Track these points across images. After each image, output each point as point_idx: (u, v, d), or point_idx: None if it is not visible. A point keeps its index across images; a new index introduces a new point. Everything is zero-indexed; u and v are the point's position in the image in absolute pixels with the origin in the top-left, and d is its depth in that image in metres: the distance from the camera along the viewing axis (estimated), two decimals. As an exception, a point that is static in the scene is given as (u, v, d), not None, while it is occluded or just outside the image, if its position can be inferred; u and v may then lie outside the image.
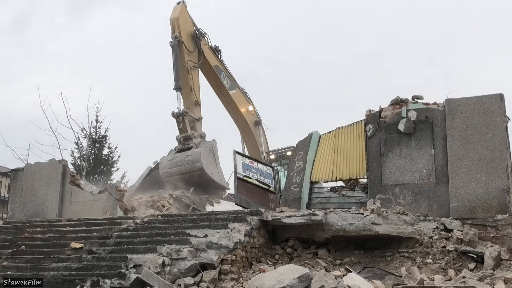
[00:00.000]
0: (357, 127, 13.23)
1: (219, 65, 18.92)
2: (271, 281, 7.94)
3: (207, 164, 16.00)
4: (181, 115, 16.49)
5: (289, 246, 10.46)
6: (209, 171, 15.97)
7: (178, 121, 16.65)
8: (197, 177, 15.90)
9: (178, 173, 16.12)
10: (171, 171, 16.30)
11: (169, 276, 8.51)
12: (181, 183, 16.06)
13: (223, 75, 19.09)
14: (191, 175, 15.93)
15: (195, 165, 15.89)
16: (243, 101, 20.31)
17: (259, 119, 21.11)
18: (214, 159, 16.50)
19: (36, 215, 14.18)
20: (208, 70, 18.65)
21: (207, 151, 16.37)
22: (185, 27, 17.36)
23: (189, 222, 10.32)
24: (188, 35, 17.40)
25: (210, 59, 18.49)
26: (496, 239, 9.79)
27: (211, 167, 16.15)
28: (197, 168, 15.81)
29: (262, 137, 21.21)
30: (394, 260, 9.90)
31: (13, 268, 9.56)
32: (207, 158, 16.16)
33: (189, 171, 15.95)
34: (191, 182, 16.01)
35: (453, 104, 11.37)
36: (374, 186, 11.89)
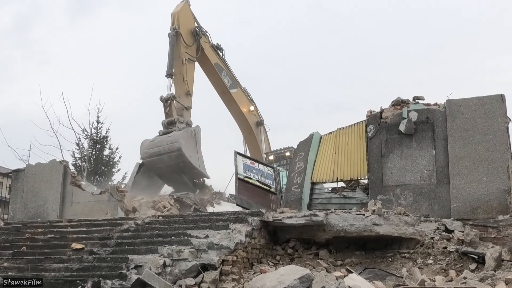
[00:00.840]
0: (358, 127, 13.22)
1: (220, 63, 18.97)
2: (272, 282, 7.94)
3: (187, 146, 15.88)
4: (168, 99, 16.52)
5: (290, 247, 10.46)
6: (188, 154, 15.81)
7: (165, 105, 16.65)
8: (175, 158, 15.81)
9: (157, 154, 16.05)
10: (150, 151, 16.23)
11: (170, 277, 8.51)
12: (159, 164, 15.97)
13: (224, 74, 19.16)
14: (170, 156, 15.85)
15: (174, 145, 15.84)
16: (245, 101, 20.32)
17: (261, 119, 21.12)
18: (195, 144, 16.36)
19: (37, 215, 14.18)
20: (209, 67, 18.71)
21: (189, 135, 16.28)
22: (186, 22, 17.49)
23: (190, 222, 10.32)
24: (188, 31, 17.53)
25: (210, 57, 18.56)
26: (497, 240, 9.78)
27: (190, 151, 15.99)
28: (175, 148, 15.74)
29: (263, 137, 21.20)
30: (395, 261, 9.89)
31: (14, 268, 9.56)
32: (187, 141, 16.03)
33: (168, 151, 15.87)
34: (169, 165, 15.94)
35: (454, 104, 11.36)
36: (375, 186, 11.89)
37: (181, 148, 15.64)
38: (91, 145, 25.88)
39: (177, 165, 15.91)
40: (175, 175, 16.20)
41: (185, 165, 15.96)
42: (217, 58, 19.14)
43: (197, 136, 16.59)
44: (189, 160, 15.84)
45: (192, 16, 18.23)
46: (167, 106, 16.60)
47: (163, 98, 16.66)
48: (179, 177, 16.46)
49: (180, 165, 15.91)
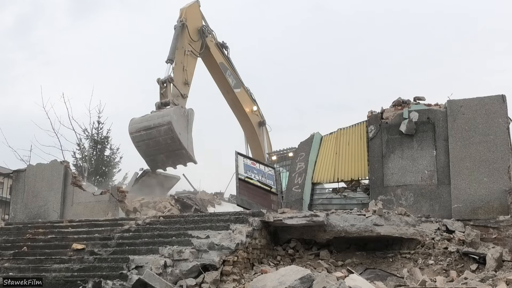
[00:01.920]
0: (359, 128, 13.22)
1: (225, 63, 18.94)
2: (272, 282, 7.94)
3: (178, 123, 15.33)
4: (165, 81, 16.04)
5: (291, 247, 10.46)
6: (178, 130, 15.24)
7: (162, 87, 16.17)
8: (164, 132, 15.19)
9: (146, 128, 15.48)
10: (139, 125, 15.67)
11: (170, 277, 8.50)
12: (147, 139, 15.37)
13: (228, 73, 19.09)
14: (159, 130, 15.25)
15: (164, 118, 15.29)
16: (248, 100, 20.30)
17: (263, 119, 21.10)
18: (186, 124, 15.83)
19: (38, 216, 14.19)
20: (214, 67, 18.67)
21: (181, 114, 15.78)
22: (193, 19, 17.46)
23: (191, 223, 10.32)
24: (194, 27, 17.46)
25: (216, 56, 18.53)
26: (498, 240, 9.77)
27: (181, 128, 15.43)
28: (165, 122, 15.16)
29: (265, 137, 21.18)
30: (396, 261, 9.89)
31: (15, 269, 9.57)
32: (179, 118, 15.52)
33: (157, 125, 15.30)
34: (157, 141, 15.31)
35: (455, 105, 11.36)
36: (376, 187, 11.88)
37: (172, 122, 15.02)
38: (92, 145, 25.90)
39: (165, 141, 15.22)
40: (161, 156, 15.52)
41: (173, 143, 15.23)
42: (222, 57, 19.07)
43: (190, 118, 16.10)
44: (178, 137, 15.15)
45: (201, 15, 18.23)
46: (163, 88, 16.10)
47: (160, 80, 16.15)
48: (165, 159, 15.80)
49: (168, 141, 15.21)
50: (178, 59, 16.62)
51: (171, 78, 16.04)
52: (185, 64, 16.85)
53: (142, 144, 15.49)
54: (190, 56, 17.05)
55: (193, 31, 17.37)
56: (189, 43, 17.02)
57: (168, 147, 15.33)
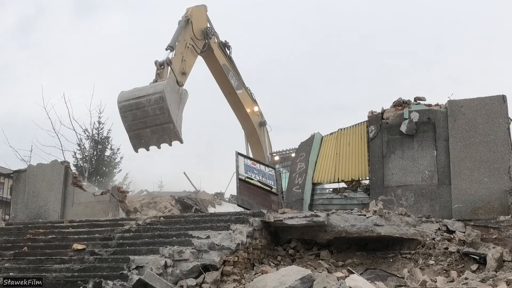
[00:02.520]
0: (359, 128, 13.21)
1: (228, 64, 18.79)
2: (273, 283, 7.94)
3: (170, 95, 14.61)
4: (163, 63, 15.38)
5: (291, 247, 10.46)
6: (169, 101, 14.44)
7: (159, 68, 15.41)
8: (154, 101, 14.25)
9: (136, 97, 14.63)
10: (129, 94, 14.84)
11: (171, 278, 8.51)
12: (135, 109, 14.49)
13: (231, 74, 18.92)
14: (149, 99, 14.38)
15: (157, 87, 14.56)
16: (249, 101, 20.19)
17: (263, 120, 21.00)
18: (179, 101, 15.16)
19: (38, 216, 14.19)
20: (217, 69, 18.52)
21: (175, 90, 15.11)
22: (198, 19, 17.26)
23: (191, 223, 10.32)
24: (199, 28, 17.23)
25: (219, 58, 18.37)
26: (499, 241, 9.77)
27: (172, 102, 14.66)
28: (158, 90, 14.42)
29: (266, 138, 21.08)
30: (396, 262, 9.89)
31: (15, 269, 9.57)
32: (172, 92, 14.82)
33: (149, 93, 14.51)
34: (146, 111, 14.42)
35: (455, 105, 11.35)
36: (376, 187, 11.87)
37: (165, 91, 14.24)
38: (93, 145, 25.87)
39: (153, 112, 14.34)
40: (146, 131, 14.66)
41: (162, 114, 14.33)
42: (225, 58, 18.90)
43: (183, 97, 15.49)
44: (168, 108, 14.27)
45: (207, 18, 18.08)
46: (160, 69, 15.39)
47: (157, 62, 15.46)
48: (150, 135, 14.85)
49: (156, 112, 14.35)
50: (178, 50, 16.22)
51: (169, 60, 15.44)
52: (184, 55, 16.44)
53: (129, 114, 14.53)
54: (190, 50, 16.75)
55: (197, 31, 17.17)
56: (191, 38, 16.77)
57: (155, 119, 14.46)
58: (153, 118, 14.41)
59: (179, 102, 15.13)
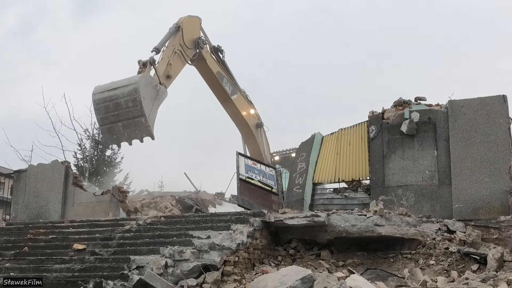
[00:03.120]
0: (360, 128, 13.21)
1: (221, 71, 18.46)
2: (273, 283, 7.94)
3: (145, 89, 13.97)
4: (146, 63, 14.77)
5: (292, 247, 10.46)
6: (143, 94, 13.77)
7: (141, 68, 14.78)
8: (127, 93, 13.72)
9: (111, 88, 14.07)
10: (105, 86, 14.32)
11: (171, 278, 8.51)
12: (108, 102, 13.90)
13: (225, 81, 18.59)
14: (122, 91, 13.82)
15: (131, 79, 14.05)
16: (245, 104, 19.85)
17: (260, 121, 20.68)
18: (154, 96, 14.42)
19: (39, 216, 14.19)
20: (211, 77, 18.06)
21: (151, 84, 14.36)
22: (190, 28, 16.95)
23: (192, 223, 10.32)
24: (190, 38, 16.91)
25: (212, 66, 18.06)
26: (499, 241, 9.77)
27: (146, 96, 13.97)
28: (132, 82, 13.87)
29: (264, 139, 20.90)
30: (397, 262, 9.88)
31: (16, 269, 9.57)
32: (148, 86, 14.16)
33: (122, 85, 13.94)
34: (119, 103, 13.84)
35: (456, 105, 11.35)
36: (377, 187, 11.87)
37: (139, 83, 13.67)
38: (93, 145, 25.85)
39: (126, 104, 13.73)
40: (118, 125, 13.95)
41: (134, 106, 13.73)
42: (218, 66, 18.53)
43: (160, 94, 14.75)
44: (141, 101, 13.62)
45: (199, 28, 17.72)
46: (143, 68, 14.73)
47: (141, 61, 14.89)
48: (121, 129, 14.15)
49: (129, 104, 13.72)
50: (165, 54, 15.74)
51: (153, 60, 14.84)
52: (171, 60, 15.87)
53: (102, 107, 13.92)
54: (178, 56, 16.23)
55: (188, 40, 16.77)
56: (180, 45, 16.30)
57: (128, 112, 13.83)
58: (125, 111, 13.81)
59: (154, 98, 14.46)
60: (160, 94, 14.64)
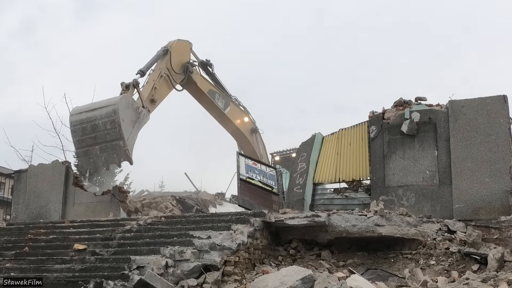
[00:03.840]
0: (360, 128, 13.22)
1: (213, 88, 18.18)
2: (274, 283, 7.93)
3: (124, 110, 13.38)
4: (129, 85, 14.28)
5: (292, 247, 10.46)
6: (122, 116, 13.20)
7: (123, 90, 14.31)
8: (105, 115, 13.15)
9: (89, 109, 13.54)
10: (83, 107, 13.81)
11: (172, 278, 8.51)
12: (86, 123, 13.34)
13: (217, 97, 18.26)
14: (100, 112, 13.24)
15: (111, 100, 13.47)
16: (238, 113, 19.61)
17: (254, 126, 20.35)
18: (135, 119, 13.85)
19: (40, 216, 14.19)
20: (203, 98, 17.66)
21: (132, 106, 13.82)
22: (180, 53, 16.56)
23: (192, 223, 10.32)
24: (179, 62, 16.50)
25: (203, 87, 17.74)
26: (500, 241, 9.77)
27: (126, 118, 13.39)
28: (111, 103, 13.30)
29: (259, 143, 20.50)
30: (397, 262, 9.88)
31: (16, 269, 9.57)
32: (128, 108, 13.61)
33: (101, 105, 13.43)
34: (96, 125, 13.26)
35: (456, 105, 11.34)
36: (377, 187, 11.87)
37: (118, 105, 13.09)
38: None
39: (104, 125, 13.13)
40: (95, 148, 13.34)
41: (113, 129, 13.13)
42: (209, 84, 18.14)
43: (141, 117, 14.09)
44: (120, 123, 13.03)
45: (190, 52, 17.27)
46: (125, 91, 14.19)
47: (124, 83, 14.28)
48: (99, 153, 13.53)
49: (107, 126, 13.12)
50: (151, 78, 15.28)
51: (136, 82, 14.39)
52: (157, 84, 15.36)
53: (78, 128, 13.38)
54: (165, 80, 15.71)
55: (177, 64, 16.29)
56: (167, 68, 15.82)
57: (105, 134, 13.25)
58: (103, 133, 13.26)
59: (135, 121, 13.91)
60: (142, 117, 14.17)
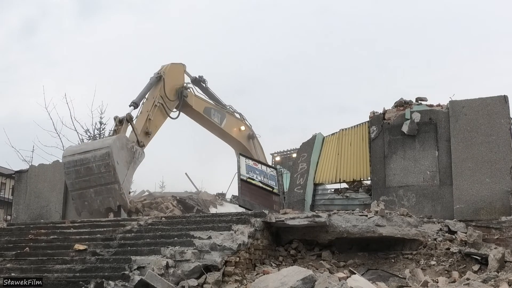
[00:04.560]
0: (361, 128, 13.22)
1: (208, 105, 17.89)
2: (275, 283, 7.93)
3: (119, 153, 13.07)
4: (123, 120, 14.01)
5: (293, 248, 10.45)
6: (116, 158, 12.89)
7: (117, 125, 14.09)
8: (99, 157, 12.82)
9: (82, 151, 13.20)
10: (76, 148, 13.72)
11: (173, 278, 8.51)
12: (79, 166, 13.04)
13: (213, 112, 17.94)
14: (94, 155, 12.89)
15: (104, 142, 13.30)
16: (234, 123, 19.25)
17: (251, 132, 19.94)
18: (130, 160, 13.58)
19: (40, 217, 14.19)
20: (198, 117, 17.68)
21: (127, 147, 13.50)
22: (173, 77, 16.18)
23: (193, 223, 10.31)
24: (172, 87, 16.12)
25: (198, 108, 17.43)
26: (500, 241, 9.75)
27: (121, 160, 13.11)
28: (104, 145, 13.00)
29: (257, 149, 20.18)
30: (398, 262, 9.88)
31: (17, 269, 9.57)
32: (122, 149, 13.29)
33: (95, 148, 13.13)
34: (90, 167, 12.96)
35: (457, 106, 11.34)
36: (378, 188, 11.87)
37: (112, 146, 12.79)
38: (94, 146, 25.80)
39: (98, 168, 12.86)
40: (90, 191, 13.02)
41: (107, 172, 12.86)
42: (204, 102, 17.81)
43: (137, 157, 13.88)
44: (114, 166, 12.77)
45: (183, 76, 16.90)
46: (119, 126, 13.99)
47: (117, 118, 14.06)
48: (93, 196, 13.12)
49: (101, 170, 12.84)
50: (145, 108, 14.93)
51: (130, 116, 14.10)
52: (151, 115, 15.01)
53: (72, 170, 13.07)
54: (159, 109, 15.35)
55: (171, 90, 15.87)
56: (161, 97, 15.44)
57: (100, 178, 12.94)
58: (97, 176, 12.92)
59: (130, 161, 13.61)
60: (137, 156, 13.91)
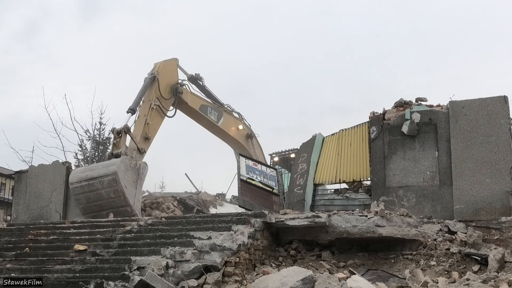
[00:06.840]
0: (361, 129, 13.22)
1: (204, 103, 17.78)
2: (274, 283, 7.94)
3: (125, 176, 13.26)
4: (121, 131, 14.06)
5: (293, 248, 10.46)
6: (124, 183, 13.10)
7: (116, 137, 14.19)
8: (107, 184, 13.01)
9: (88, 178, 13.31)
10: (82, 175, 13.65)
11: (172, 278, 8.51)
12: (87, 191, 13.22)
13: (209, 110, 17.86)
14: (102, 181, 13.08)
15: (109, 168, 13.27)
16: (232, 122, 19.10)
17: (250, 131, 19.74)
18: (136, 179, 13.72)
19: (40, 217, 14.19)
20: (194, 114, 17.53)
21: (131, 167, 13.63)
22: (167, 75, 16.15)
23: (193, 224, 10.31)
24: (167, 85, 16.06)
25: (194, 105, 17.33)
26: (500, 241, 9.76)
27: (128, 182, 13.30)
28: (110, 172, 13.08)
29: (256, 149, 20.10)
30: (398, 262, 9.88)
31: (17, 270, 9.57)
32: (127, 170, 13.44)
33: (101, 175, 13.21)
34: (98, 194, 13.17)
35: (457, 106, 11.35)
36: (378, 188, 11.87)
37: (117, 172, 12.95)
38: (94, 146, 25.87)
39: (108, 195, 13.04)
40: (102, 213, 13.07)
41: (117, 197, 13.03)
42: (200, 100, 17.68)
43: (141, 172, 13.98)
44: (123, 191, 12.96)
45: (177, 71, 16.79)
46: (117, 138, 14.08)
47: (115, 130, 14.16)
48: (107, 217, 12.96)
49: (111, 195, 13.03)
50: (142, 113, 14.95)
51: (127, 128, 14.14)
52: (149, 119, 15.06)
53: (82, 197, 13.25)
54: (156, 111, 15.38)
55: (165, 88, 15.85)
56: (157, 98, 15.44)
57: (111, 202, 13.15)
58: (107, 200, 13.12)
59: (136, 180, 13.77)
60: (141, 172, 14.02)
